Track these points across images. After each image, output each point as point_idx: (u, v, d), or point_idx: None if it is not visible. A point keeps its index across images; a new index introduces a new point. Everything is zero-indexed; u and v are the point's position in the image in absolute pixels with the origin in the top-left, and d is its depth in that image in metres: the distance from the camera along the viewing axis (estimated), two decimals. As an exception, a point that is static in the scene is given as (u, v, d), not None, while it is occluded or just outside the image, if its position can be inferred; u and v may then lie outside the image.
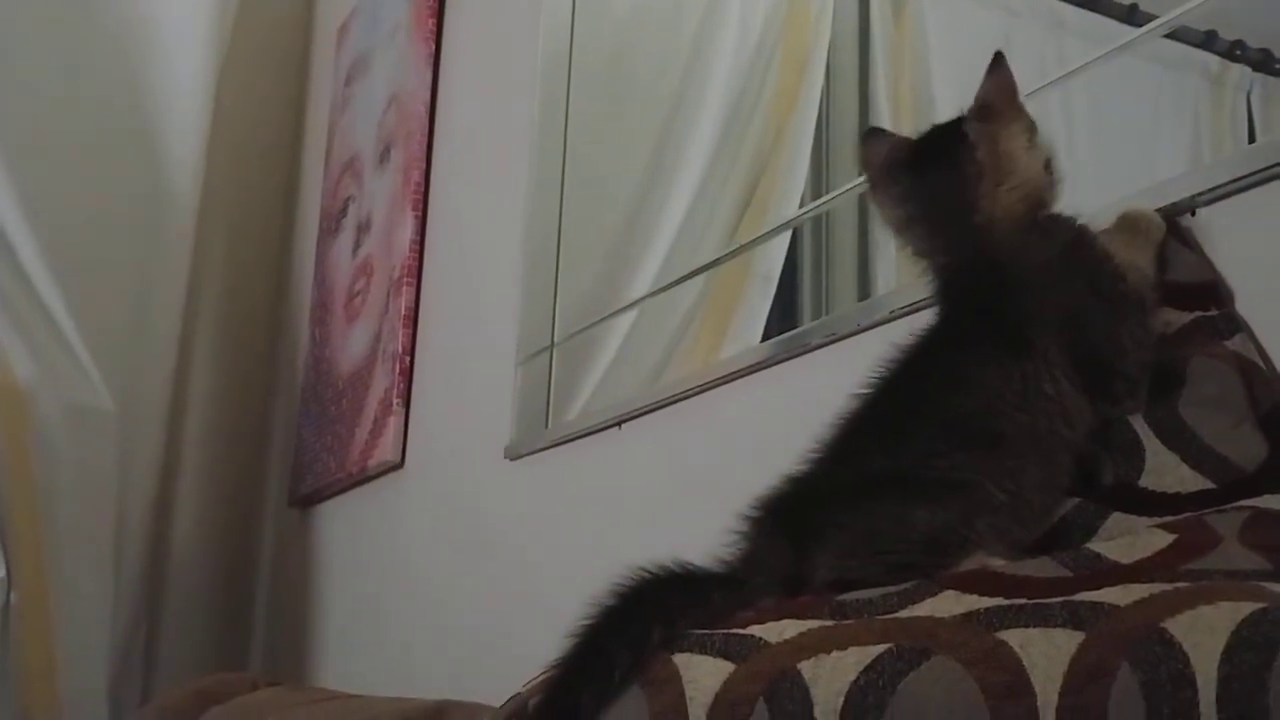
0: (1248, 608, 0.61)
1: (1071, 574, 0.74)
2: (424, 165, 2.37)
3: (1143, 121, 1.20)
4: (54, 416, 2.53)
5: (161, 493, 2.80)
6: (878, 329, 1.25)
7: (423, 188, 2.36)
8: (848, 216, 1.51)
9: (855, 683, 0.69)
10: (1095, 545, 0.80)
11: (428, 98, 2.39)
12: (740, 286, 1.62)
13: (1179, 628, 0.62)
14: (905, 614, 0.74)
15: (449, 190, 2.32)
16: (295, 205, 3.18)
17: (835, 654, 0.72)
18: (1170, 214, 0.97)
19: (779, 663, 0.74)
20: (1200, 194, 0.96)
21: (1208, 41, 1.11)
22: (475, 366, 2.08)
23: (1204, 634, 0.61)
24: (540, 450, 1.83)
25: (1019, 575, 0.75)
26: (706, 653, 0.78)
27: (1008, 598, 0.71)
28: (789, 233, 1.58)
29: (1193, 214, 0.97)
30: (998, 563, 0.81)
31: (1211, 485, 0.84)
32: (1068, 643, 0.64)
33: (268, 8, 3.19)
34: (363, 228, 2.59)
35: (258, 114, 3.19)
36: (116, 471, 2.60)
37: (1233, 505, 0.81)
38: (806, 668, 0.72)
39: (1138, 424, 0.89)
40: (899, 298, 1.22)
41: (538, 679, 0.85)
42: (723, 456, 1.46)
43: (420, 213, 2.35)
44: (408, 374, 2.29)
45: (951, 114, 1.00)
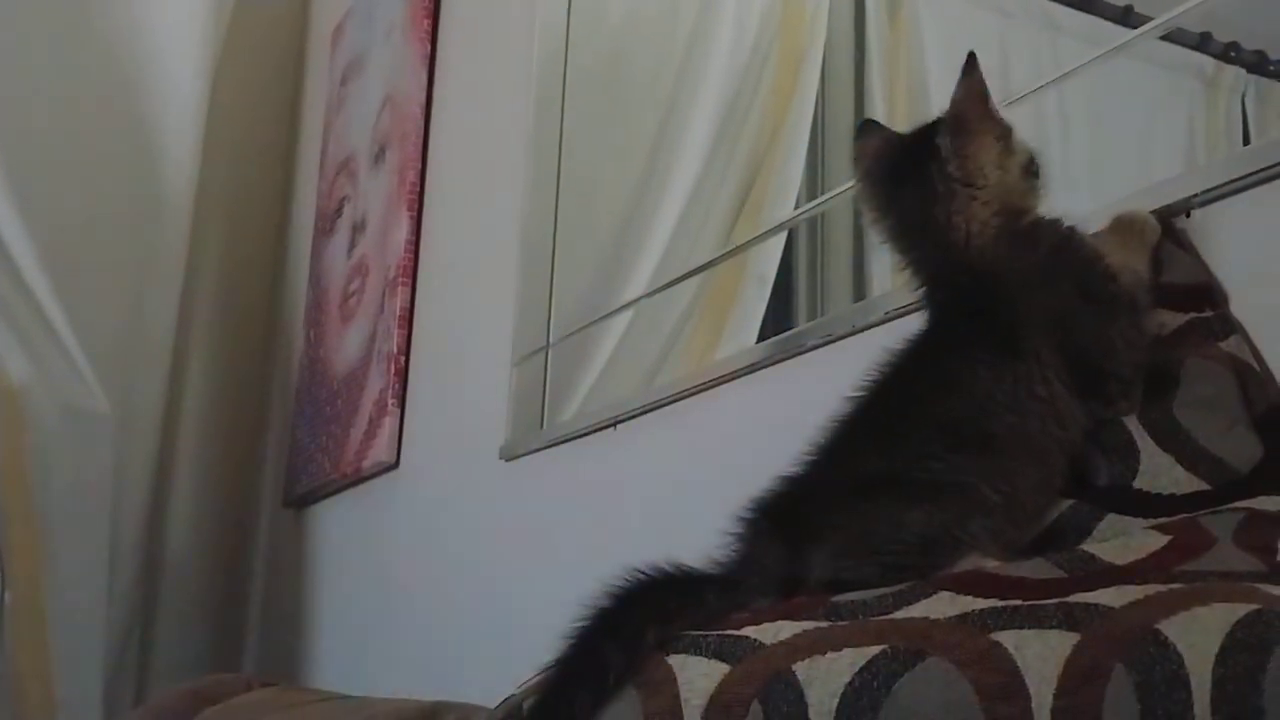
0: (1242, 609, 0.61)
1: (1066, 575, 0.74)
2: (419, 166, 2.37)
3: (1138, 123, 1.20)
4: (49, 418, 2.52)
5: (156, 494, 2.80)
6: (873, 330, 1.25)
7: (418, 188, 2.36)
8: (843, 217, 1.51)
9: (850, 684, 0.69)
10: (1090, 546, 0.80)
11: (423, 98, 2.39)
12: (736, 288, 1.62)
13: (1173, 629, 0.62)
14: (900, 615, 0.74)
15: (444, 191, 2.32)
16: (290, 206, 3.18)
17: (830, 655, 0.72)
18: (1165, 215, 0.97)
19: (774, 664, 0.74)
20: (1195, 195, 0.96)
21: (1203, 43, 1.11)
22: (470, 367, 2.08)
23: (1198, 635, 0.61)
24: (535, 451, 1.82)
25: (1013, 576, 0.75)
26: (701, 654, 0.78)
27: (1002, 599, 0.71)
28: (784, 234, 1.58)
29: (1188, 215, 0.97)
30: (992, 564, 0.81)
31: (1206, 487, 0.84)
32: (1062, 644, 0.64)
33: (263, 9, 3.19)
34: (358, 228, 2.59)
35: (253, 115, 3.18)
36: (111, 473, 2.60)
37: (1227, 507, 0.81)
38: (801, 669, 0.72)
39: (1132, 425, 0.89)
40: (894, 299, 1.22)
41: (533, 680, 0.85)
42: (718, 457, 1.46)
43: (415, 213, 2.35)
44: (403, 374, 2.29)
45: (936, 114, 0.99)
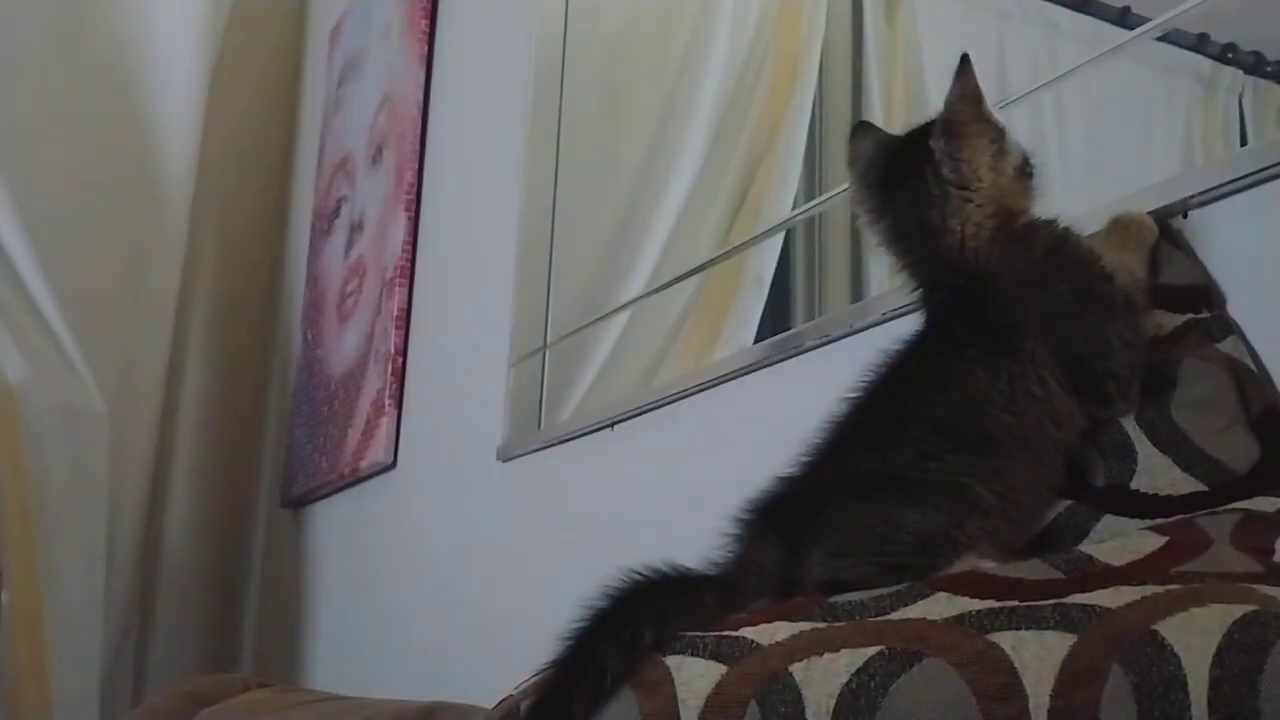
0: (1239, 610, 0.61)
1: (1063, 576, 0.74)
2: (416, 166, 2.37)
3: (1135, 124, 1.20)
4: (45, 417, 2.52)
5: (153, 494, 2.80)
6: (870, 331, 1.25)
7: (415, 188, 2.36)
8: (841, 218, 1.51)
9: (847, 685, 0.69)
10: (1087, 547, 0.80)
11: (420, 98, 2.39)
12: (733, 288, 1.62)
13: (1170, 630, 0.62)
14: (897, 616, 0.74)
15: (442, 191, 2.32)
16: (288, 206, 3.18)
17: (827, 656, 0.72)
18: (1162, 216, 0.97)
19: (771, 665, 0.73)
20: (1192, 196, 0.97)
21: (1200, 44, 1.11)
22: (468, 367, 2.08)
23: (1195, 636, 0.61)
24: (533, 451, 1.82)
25: (1010, 577, 0.75)
26: (698, 655, 0.78)
27: (999, 600, 0.71)
28: (782, 234, 1.58)
29: (1185, 216, 0.97)
30: (989, 565, 0.81)
31: (1203, 488, 0.84)
32: (1059, 645, 0.64)
33: (261, 9, 3.19)
34: (355, 228, 2.59)
35: (251, 115, 3.18)
36: (108, 472, 2.60)
37: (1224, 508, 0.81)
38: (798, 670, 0.72)
39: (1129, 426, 0.89)
40: (892, 300, 1.22)
41: (530, 681, 0.84)
42: (715, 458, 1.46)
43: (413, 213, 2.35)
44: (400, 375, 2.29)
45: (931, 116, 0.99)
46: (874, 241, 1.00)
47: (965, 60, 0.95)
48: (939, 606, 0.72)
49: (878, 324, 1.24)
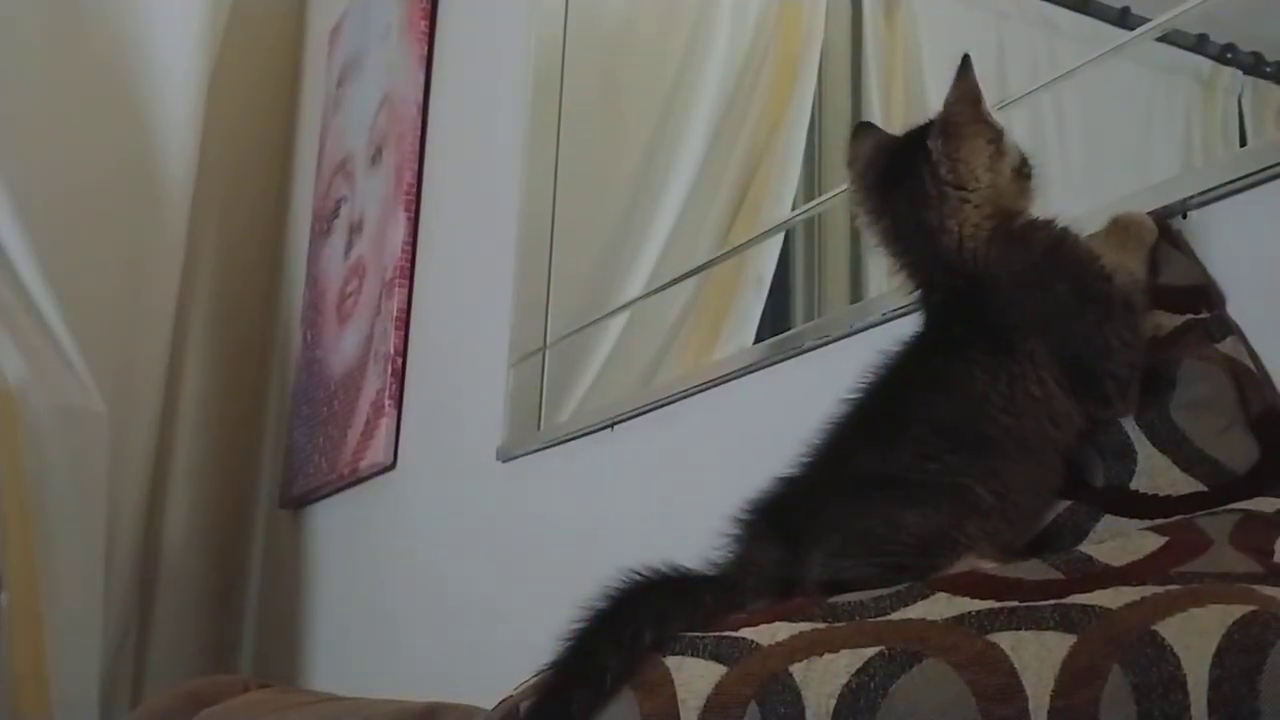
0: (1239, 610, 0.61)
1: (1063, 576, 0.74)
2: (416, 166, 2.37)
3: (1134, 124, 1.20)
4: (45, 417, 2.52)
5: (153, 494, 2.80)
6: (870, 331, 1.25)
7: (415, 189, 2.36)
8: (840, 219, 1.51)
9: (847, 685, 0.69)
10: (1086, 548, 0.80)
11: (420, 99, 2.39)
12: (733, 289, 1.63)
13: (1170, 630, 0.62)
14: (897, 616, 0.74)
15: (441, 191, 2.32)
16: (287, 206, 3.18)
17: (827, 657, 0.72)
18: (1162, 217, 0.97)
19: (771, 665, 0.74)
20: (1192, 197, 0.97)
21: (1199, 45, 1.12)
22: (467, 368, 2.07)
23: (1195, 637, 0.61)
24: (532, 452, 1.82)
25: (1010, 578, 0.75)
26: (698, 655, 0.78)
27: (999, 600, 0.71)
28: (782, 235, 1.58)
29: (1184, 217, 0.97)
30: (989, 565, 0.81)
31: (1203, 488, 0.84)
32: (1059, 645, 0.64)
33: (260, 9, 3.19)
34: (355, 229, 2.59)
35: (250, 115, 3.18)
36: (107, 473, 2.60)
37: (1224, 508, 0.81)
38: (798, 670, 0.72)
39: (1129, 426, 0.89)
40: (891, 300, 1.22)
41: (530, 682, 0.84)
42: (715, 458, 1.46)
43: (412, 214, 2.35)
44: (400, 375, 2.29)
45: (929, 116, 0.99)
46: (873, 242, 1.01)
47: (965, 61, 0.95)
48: (939, 607, 0.73)
49: (877, 324, 1.24)
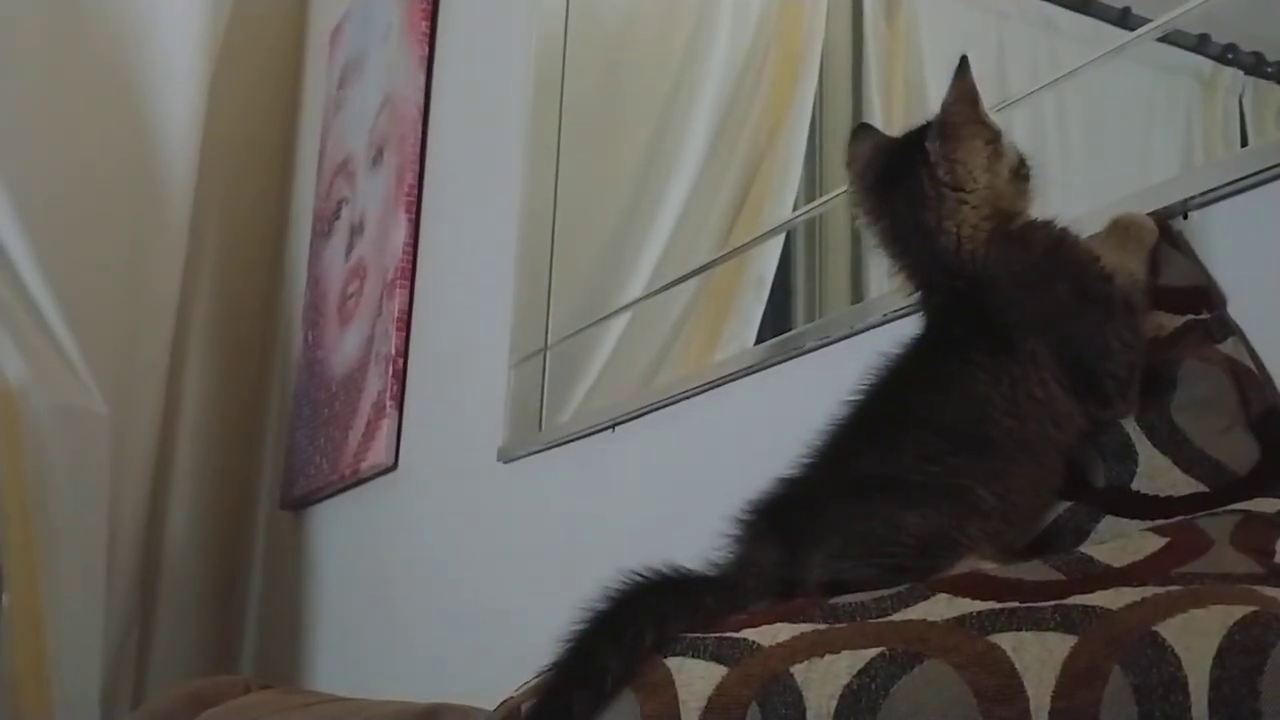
0: (1239, 611, 0.61)
1: (1064, 577, 0.74)
2: (417, 167, 2.37)
3: (1135, 125, 1.20)
4: (45, 418, 2.52)
5: (154, 495, 2.80)
6: (871, 332, 1.25)
7: (416, 190, 2.36)
8: (841, 219, 1.51)
9: (848, 686, 0.69)
10: (1087, 549, 0.80)
11: (421, 100, 2.39)
12: (734, 289, 1.62)
13: (1171, 631, 0.62)
14: (898, 617, 0.74)
15: (442, 192, 2.32)
16: (288, 207, 3.18)
17: (828, 657, 0.72)
18: (1162, 217, 0.97)
19: (771, 666, 0.73)
20: (1193, 197, 0.97)
21: (1200, 45, 1.11)
22: (468, 369, 2.07)
23: (1196, 637, 0.61)
24: (533, 453, 1.82)
25: (1011, 578, 0.75)
26: (699, 656, 0.78)
27: (1000, 601, 0.71)
28: (783, 236, 1.58)
29: (1185, 217, 0.97)
30: (989, 566, 0.81)
31: (1204, 489, 0.84)
32: (1060, 646, 0.64)
33: (261, 10, 3.19)
34: (356, 230, 2.59)
35: (251, 116, 3.18)
36: (109, 473, 2.60)
37: (1225, 509, 0.81)
38: (799, 671, 0.72)
39: (1130, 427, 0.89)
40: (892, 301, 1.22)
41: (530, 683, 0.85)
42: (716, 459, 1.46)
43: (413, 215, 2.35)
44: (401, 376, 2.29)
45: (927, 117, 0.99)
46: (872, 242, 1.01)
47: (964, 62, 0.95)
48: (940, 608, 0.72)
49: (878, 325, 1.24)
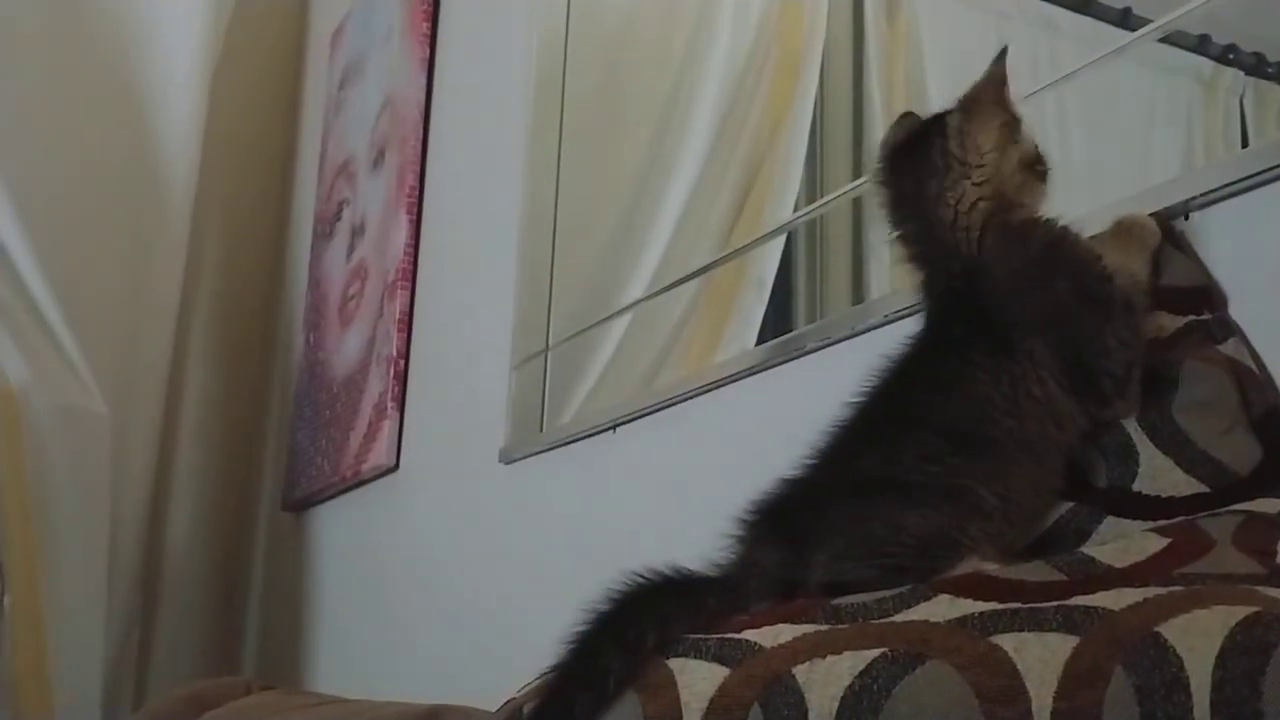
0: (1241, 612, 0.61)
1: (1065, 578, 0.74)
2: (418, 169, 2.37)
3: (1136, 125, 1.20)
4: (46, 418, 2.52)
5: (155, 496, 2.80)
6: (872, 333, 1.25)
7: (417, 191, 2.36)
8: (842, 221, 1.51)
9: (850, 687, 0.69)
10: (1089, 549, 0.80)
11: (422, 101, 2.39)
12: (735, 291, 1.62)
13: (1173, 632, 0.62)
14: (900, 618, 0.74)
15: (443, 194, 2.32)
16: (289, 209, 3.18)
17: (830, 658, 0.72)
18: (1164, 218, 0.97)
19: (774, 667, 0.73)
20: (1194, 198, 0.97)
21: (1201, 46, 1.11)
22: (470, 370, 2.08)
23: (1198, 638, 0.61)
24: (535, 454, 1.82)
25: (1013, 579, 0.75)
26: (701, 657, 0.78)
27: (1002, 602, 0.71)
28: (784, 237, 1.58)
29: (1186, 218, 0.97)
30: (991, 567, 0.81)
31: (1205, 489, 0.84)
32: (1062, 647, 0.64)
33: (262, 12, 3.19)
34: (357, 231, 2.59)
35: (252, 118, 3.18)
36: (110, 474, 2.60)
37: (1226, 509, 0.81)
38: (801, 672, 0.72)
39: (1131, 428, 0.89)
40: (893, 302, 1.22)
41: (533, 684, 0.85)
42: (717, 460, 1.46)
43: (415, 216, 2.35)
44: (402, 378, 2.29)
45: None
46: (878, 209, 1.01)
47: (1003, 52, 0.96)
48: (941, 609, 0.72)
49: (879, 326, 1.24)
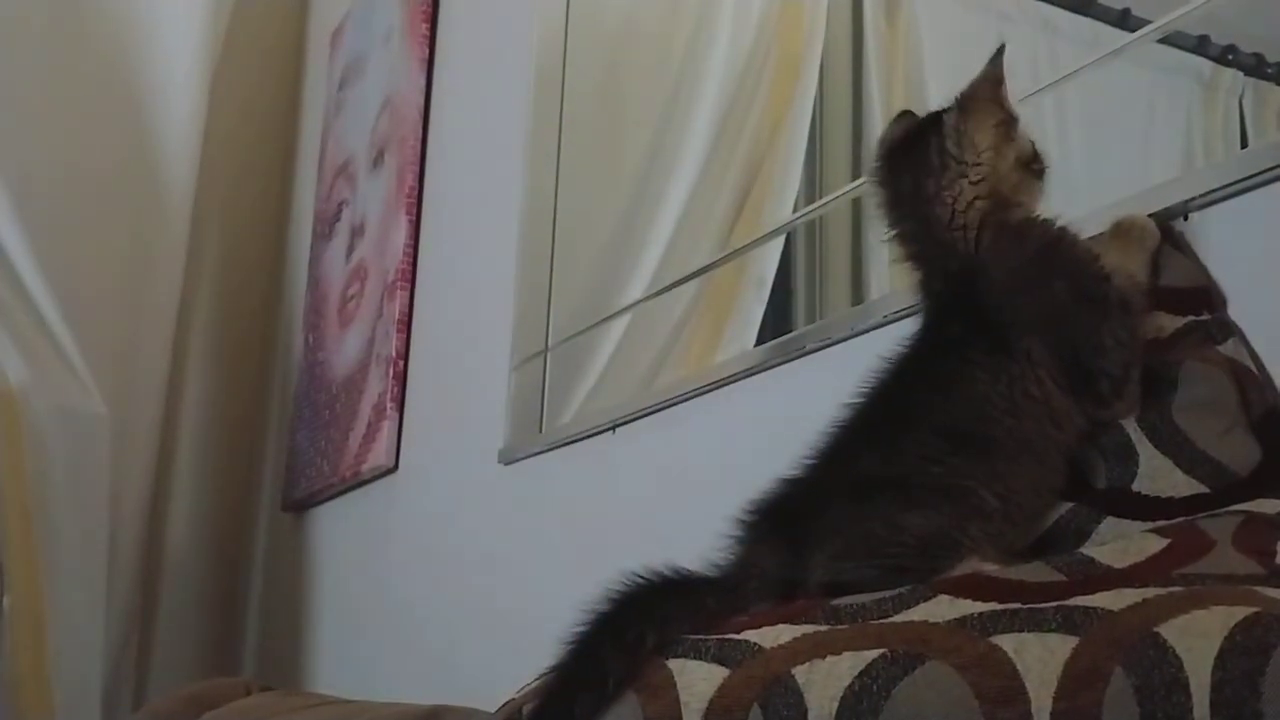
0: (1241, 612, 0.61)
1: (1065, 578, 0.74)
2: (418, 169, 2.37)
3: (1136, 126, 1.20)
4: (46, 419, 2.52)
5: (155, 497, 2.80)
6: (871, 333, 1.25)
7: (417, 192, 2.36)
8: (842, 221, 1.51)
9: (849, 688, 0.69)
10: (1089, 550, 0.80)
11: (421, 102, 2.39)
12: (734, 291, 1.62)
13: (1173, 632, 0.62)
14: (899, 619, 0.74)
15: (443, 194, 2.32)
16: (289, 209, 3.18)
17: (829, 659, 0.71)
18: (1163, 218, 0.97)
19: (773, 668, 0.73)
20: (1193, 199, 0.97)
21: (1200, 46, 1.11)
22: (469, 371, 2.08)
23: (1198, 639, 0.61)
24: (534, 455, 1.82)
25: (1013, 580, 0.75)
26: (701, 658, 0.78)
27: (1001, 602, 0.71)
28: (783, 237, 1.58)
29: (1185, 218, 0.97)
30: (991, 567, 0.81)
31: (1205, 489, 0.84)
32: (1061, 647, 0.64)
33: (261, 12, 3.19)
34: (356, 232, 2.59)
35: (252, 118, 3.19)
36: (109, 475, 2.60)
37: (1226, 510, 0.81)
38: (801, 673, 0.72)
39: (1131, 428, 0.89)
40: (892, 302, 1.22)
41: (532, 684, 0.84)
42: (717, 460, 1.46)
43: (414, 217, 2.35)
44: (401, 378, 2.29)
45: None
46: (875, 208, 1.01)
47: (1000, 50, 0.96)
48: (941, 609, 0.72)
49: (879, 326, 1.24)
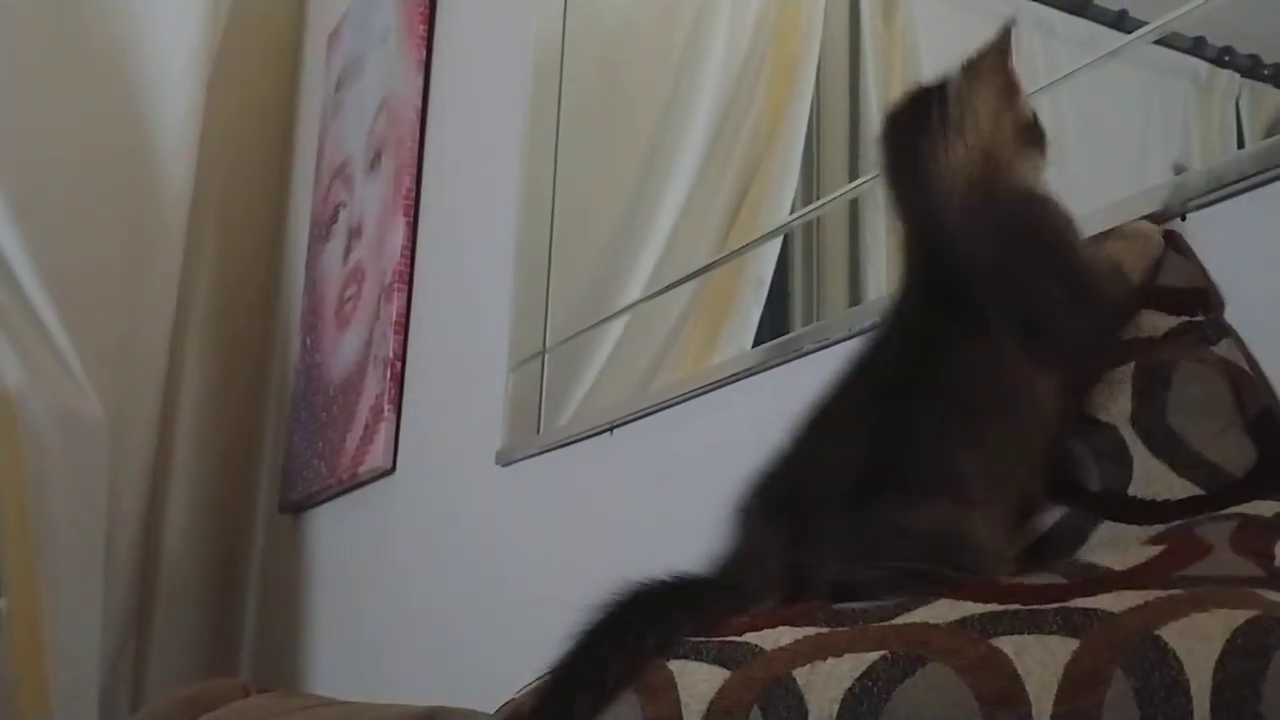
0: (1241, 615, 0.61)
1: (1065, 581, 0.74)
2: (415, 171, 2.37)
3: (1132, 127, 1.20)
4: (43, 422, 2.52)
5: (152, 499, 2.80)
6: (869, 334, 1.25)
7: (414, 193, 2.36)
8: (839, 222, 1.51)
9: (850, 690, 0.69)
10: (1087, 553, 0.80)
11: (419, 103, 2.39)
12: (732, 292, 1.62)
13: (1173, 635, 0.62)
14: (900, 621, 0.74)
15: (440, 196, 2.32)
16: (286, 211, 3.18)
17: (830, 661, 0.72)
18: (1160, 219, 0.97)
19: (774, 670, 0.74)
20: (1189, 200, 0.97)
21: (1196, 47, 1.12)
22: (467, 372, 2.08)
23: (1198, 641, 0.61)
24: (532, 456, 1.82)
25: (1013, 582, 0.75)
26: (701, 659, 0.78)
27: (1002, 604, 0.71)
28: (780, 238, 1.58)
29: (1183, 219, 0.98)
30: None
31: (1200, 491, 0.84)
32: (1062, 650, 0.64)
33: (258, 13, 3.19)
34: (354, 233, 2.59)
35: (249, 120, 3.18)
36: (107, 477, 2.60)
37: (1222, 513, 0.81)
38: (801, 675, 0.72)
39: (1125, 431, 0.89)
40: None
41: (531, 686, 0.85)
42: (715, 461, 1.45)
43: (411, 218, 2.35)
44: (399, 380, 2.29)
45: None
46: (876, 171, 1.01)
47: (1008, 24, 0.97)
48: (941, 611, 0.73)
49: (877, 327, 1.24)
